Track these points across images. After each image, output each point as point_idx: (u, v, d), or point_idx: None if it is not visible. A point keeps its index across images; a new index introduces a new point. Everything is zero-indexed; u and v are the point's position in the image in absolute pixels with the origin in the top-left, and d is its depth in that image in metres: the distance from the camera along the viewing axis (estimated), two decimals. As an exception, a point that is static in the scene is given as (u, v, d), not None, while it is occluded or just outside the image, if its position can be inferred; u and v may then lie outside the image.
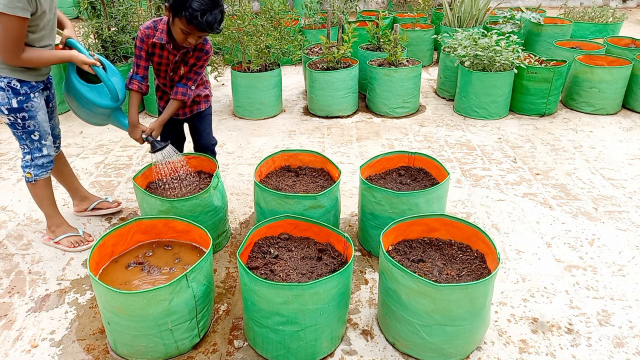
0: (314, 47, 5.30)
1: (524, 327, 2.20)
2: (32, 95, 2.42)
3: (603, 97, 4.47)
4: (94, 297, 2.39)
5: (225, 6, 2.66)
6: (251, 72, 4.43)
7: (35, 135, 2.51)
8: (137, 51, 2.58)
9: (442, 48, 5.03)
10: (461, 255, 2.21)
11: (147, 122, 4.53)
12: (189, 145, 3.15)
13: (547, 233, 2.85)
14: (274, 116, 4.66)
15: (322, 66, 4.55)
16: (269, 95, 4.52)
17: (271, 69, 4.51)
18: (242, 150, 3.96)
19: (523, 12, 6.00)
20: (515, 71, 4.33)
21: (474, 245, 2.22)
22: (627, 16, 6.68)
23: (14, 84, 2.36)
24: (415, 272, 2.02)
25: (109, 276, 2.14)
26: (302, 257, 2.20)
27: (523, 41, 5.77)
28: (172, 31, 2.44)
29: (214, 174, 2.62)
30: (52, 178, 2.83)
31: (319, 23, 6.30)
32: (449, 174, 2.58)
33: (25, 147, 2.54)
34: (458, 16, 5.98)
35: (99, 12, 4.44)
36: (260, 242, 2.26)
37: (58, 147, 2.81)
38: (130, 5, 4.52)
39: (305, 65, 4.87)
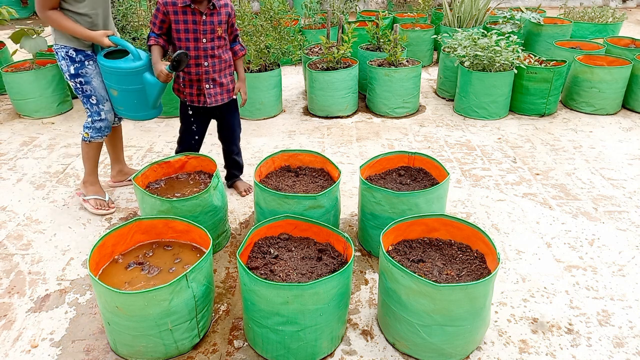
0: (313, 47, 5.31)
1: (524, 327, 2.20)
2: (86, 62, 2.78)
3: (603, 97, 4.47)
4: (94, 297, 2.39)
5: None
6: (251, 72, 4.43)
7: (93, 99, 2.84)
8: (153, 18, 2.71)
9: (442, 48, 5.03)
10: (461, 255, 2.21)
11: (147, 121, 4.54)
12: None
13: (547, 233, 2.85)
14: (274, 116, 4.66)
15: (322, 66, 4.55)
16: (269, 95, 4.52)
17: (271, 69, 4.50)
18: (242, 150, 3.95)
19: (523, 12, 6.00)
20: (515, 71, 4.34)
21: (474, 246, 2.22)
22: (626, 16, 6.68)
23: (71, 53, 2.73)
24: (415, 272, 2.02)
25: (109, 276, 2.14)
26: (302, 257, 2.20)
27: (523, 41, 5.77)
28: None
29: (214, 174, 2.62)
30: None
31: (319, 23, 6.30)
32: (448, 174, 2.58)
33: (88, 110, 2.89)
34: (458, 16, 5.98)
35: (98, 12, 4.44)
36: (260, 242, 2.26)
37: (120, 119, 3.16)
38: (130, 6, 4.52)
39: (305, 66, 4.87)
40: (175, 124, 4.48)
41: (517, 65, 4.35)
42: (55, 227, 2.96)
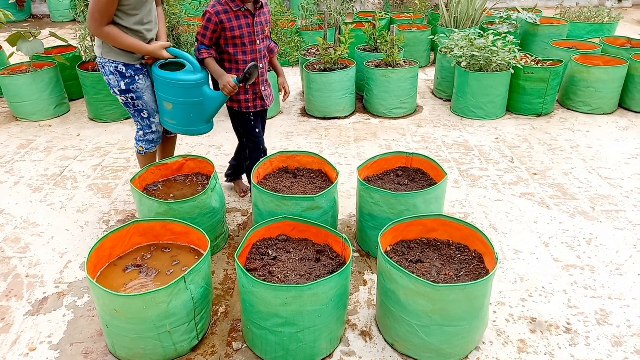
0: (311, 49, 5.31)
1: (523, 326, 2.21)
2: (137, 77, 2.69)
3: (599, 96, 4.49)
4: (92, 300, 2.39)
5: None
6: (248, 73, 4.43)
7: (144, 114, 2.80)
8: (202, 30, 2.63)
9: (439, 49, 5.04)
10: (459, 255, 2.21)
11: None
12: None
13: (544, 233, 2.86)
14: (272, 118, 4.65)
15: (320, 67, 4.55)
16: (267, 96, 4.52)
17: (269, 71, 4.49)
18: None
19: (519, 12, 6.02)
20: (512, 71, 4.34)
21: (472, 246, 2.22)
22: (622, 16, 6.70)
23: (120, 68, 2.64)
24: (413, 273, 2.02)
25: (107, 279, 2.13)
26: (301, 258, 2.20)
27: (519, 41, 5.77)
28: None
29: (212, 176, 2.62)
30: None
31: (316, 24, 6.31)
32: (446, 174, 2.58)
33: (138, 123, 2.86)
34: (455, 17, 5.99)
35: (95, 15, 4.43)
36: (258, 244, 2.26)
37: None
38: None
39: (302, 67, 4.88)
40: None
41: (514, 65, 4.36)
42: (53, 230, 2.96)
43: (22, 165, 3.78)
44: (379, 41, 4.90)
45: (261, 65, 2.75)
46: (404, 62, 4.70)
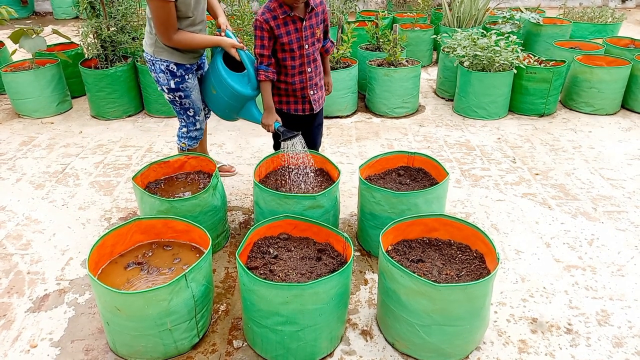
0: (313, 47, 5.29)
1: (523, 327, 2.20)
2: (186, 77, 2.76)
3: (602, 97, 4.47)
4: (93, 297, 2.39)
5: (224, 6, 2.68)
6: (250, 72, 4.42)
7: (190, 112, 2.89)
8: (258, 41, 2.54)
9: (441, 48, 5.03)
10: (460, 255, 2.21)
11: (147, 121, 4.53)
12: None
13: (546, 233, 2.85)
14: (274, 116, 4.65)
15: (322, 66, 4.55)
16: (269, 95, 4.51)
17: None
18: (241, 151, 3.96)
19: (522, 12, 6.00)
20: (515, 71, 4.34)
21: (474, 245, 2.22)
22: (626, 16, 6.68)
23: (172, 67, 2.69)
24: (414, 272, 2.02)
25: (108, 276, 2.13)
26: (302, 257, 2.20)
27: (522, 41, 5.77)
28: None
29: (213, 174, 2.62)
30: None
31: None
32: (448, 174, 2.58)
33: (183, 121, 2.95)
34: (457, 16, 5.98)
35: (98, 12, 4.43)
36: (259, 242, 2.26)
37: (208, 116, 3.21)
38: (130, 5, 4.52)
39: (304, 65, 4.87)
40: (175, 123, 4.48)
41: (517, 65, 4.35)
42: (54, 227, 2.96)
43: (24, 162, 3.78)
44: (381, 40, 4.89)
45: (309, 70, 2.65)
46: (407, 61, 4.70)
